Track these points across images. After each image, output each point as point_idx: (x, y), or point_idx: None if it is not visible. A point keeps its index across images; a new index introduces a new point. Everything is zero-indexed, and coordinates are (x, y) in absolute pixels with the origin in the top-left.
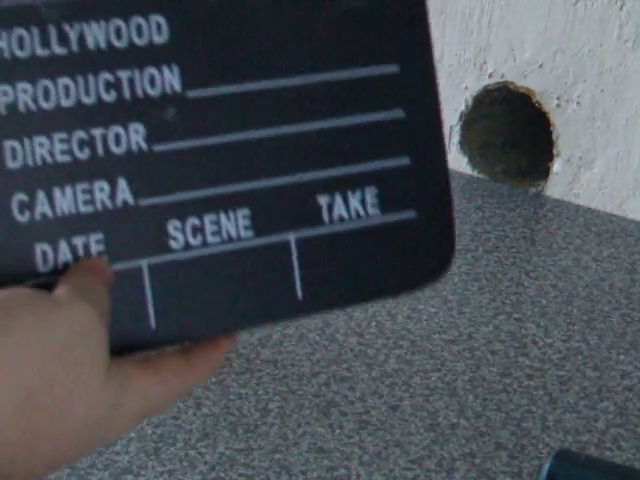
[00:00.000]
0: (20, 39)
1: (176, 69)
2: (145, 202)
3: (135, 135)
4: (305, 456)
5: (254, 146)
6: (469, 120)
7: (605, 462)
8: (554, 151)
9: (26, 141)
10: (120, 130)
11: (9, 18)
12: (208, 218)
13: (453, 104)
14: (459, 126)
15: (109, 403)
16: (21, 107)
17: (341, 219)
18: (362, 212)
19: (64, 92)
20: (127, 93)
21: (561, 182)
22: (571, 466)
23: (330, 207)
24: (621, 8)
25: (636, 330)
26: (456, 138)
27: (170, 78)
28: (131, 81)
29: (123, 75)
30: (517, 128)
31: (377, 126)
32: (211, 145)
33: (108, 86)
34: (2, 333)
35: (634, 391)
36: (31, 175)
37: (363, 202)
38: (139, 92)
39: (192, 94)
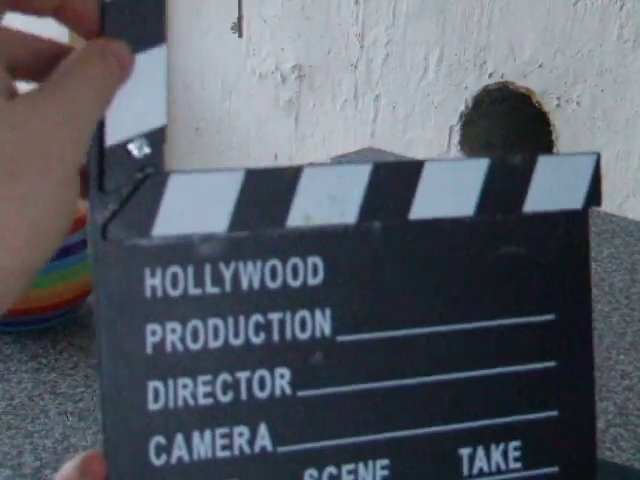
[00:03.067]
0: (174, 277)
1: (328, 312)
2: (283, 449)
3: (280, 380)
4: None
5: (399, 395)
6: (469, 120)
7: (605, 462)
8: (554, 151)
9: (170, 382)
10: (266, 374)
11: (166, 255)
12: (346, 468)
13: (453, 104)
14: (459, 126)
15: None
16: (168, 347)
17: (481, 472)
18: (503, 466)
19: (213, 333)
20: (276, 336)
21: None
22: None
23: (471, 460)
24: (621, 8)
25: (636, 330)
26: (456, 138)
27: (321, 322)
28: (282, 324)
29: (274, 317)
30: (517, 128)
31: (528, 378)
32: (355, 393)
33: (258, 328)
34: None
35: (634, 391)
36: (171, 418)
37: (505, 455)
38: (288, 335)
39: (341, 339)
